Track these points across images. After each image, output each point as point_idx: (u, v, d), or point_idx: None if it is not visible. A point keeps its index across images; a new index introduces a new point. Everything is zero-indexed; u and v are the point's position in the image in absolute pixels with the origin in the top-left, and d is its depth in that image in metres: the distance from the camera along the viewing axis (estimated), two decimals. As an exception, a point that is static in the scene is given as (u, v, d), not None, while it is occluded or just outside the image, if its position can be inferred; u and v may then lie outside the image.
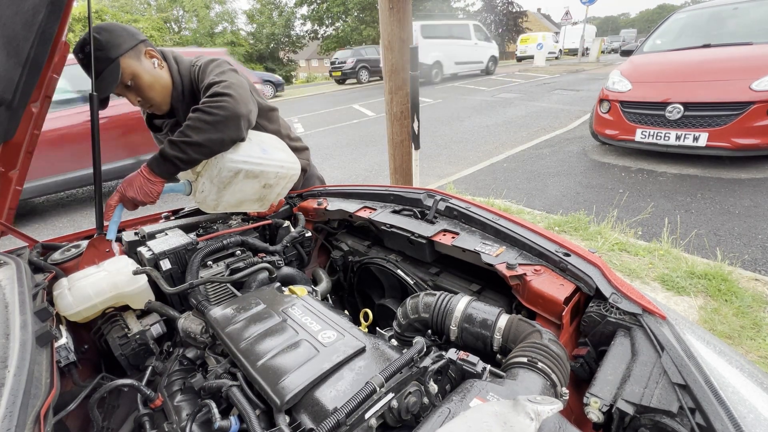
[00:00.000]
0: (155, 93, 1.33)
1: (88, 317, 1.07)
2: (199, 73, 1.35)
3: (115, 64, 1.21)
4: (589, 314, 0.82)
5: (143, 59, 1.29)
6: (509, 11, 36.00)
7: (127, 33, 1.25)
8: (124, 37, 1.23)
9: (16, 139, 1.11)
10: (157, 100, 1.35)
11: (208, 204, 1.32)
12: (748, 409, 0.61)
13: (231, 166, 1.24)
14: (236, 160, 1.26)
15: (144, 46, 1.29)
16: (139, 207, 1.23)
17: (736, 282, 2.24)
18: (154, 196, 1.21)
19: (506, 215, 1.13)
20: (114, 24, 1.25)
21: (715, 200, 3.44)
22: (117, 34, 1.22)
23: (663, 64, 4.49)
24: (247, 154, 1.30)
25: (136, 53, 1.26)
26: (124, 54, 1.22)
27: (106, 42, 1.19)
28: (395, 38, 2.66)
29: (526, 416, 0.47)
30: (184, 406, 0.86)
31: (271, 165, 1.36)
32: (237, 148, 1.27)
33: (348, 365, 0.73)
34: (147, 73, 1.29)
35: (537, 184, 4.29)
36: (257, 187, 1.37)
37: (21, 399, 0.58)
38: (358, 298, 1.55)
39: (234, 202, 1.35)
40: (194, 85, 1.38)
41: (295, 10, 28.50)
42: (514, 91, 10.99)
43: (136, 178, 1.19)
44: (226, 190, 1.29)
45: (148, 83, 1.30)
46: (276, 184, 1.43)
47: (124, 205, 1.21)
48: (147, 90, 1.31)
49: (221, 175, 1.25)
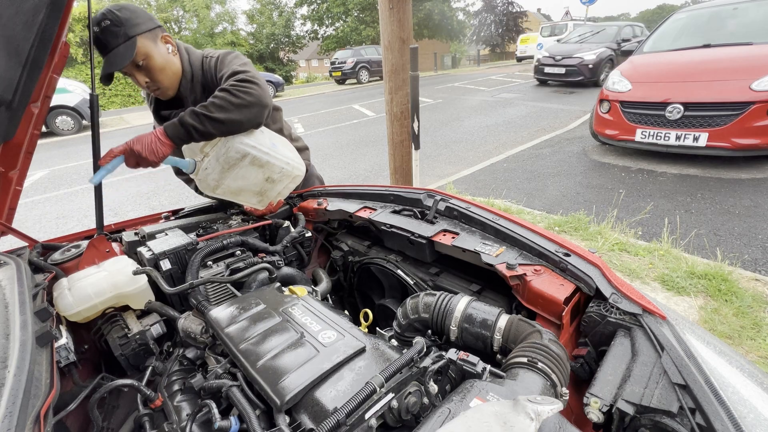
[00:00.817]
0: (164, 76, 1.35)
1: (88, 317, 1.07)
2: (216, 63, 1.38)
3: (132, 41, 1.22)
4: (589, 314, 0.82)
5: (159, 43, 1.32)
6: (509, 11, 36.01)
7: (146, 15, 1.28)
8: (143, 18, 1.26)
9: (16, 140, 1.11)
10: (165, 83, 1.37)
11: (208, 183, 1.31)
12: (748, 409, 0.61)
13: (240, 147, 1.26)
14: (246, 143, 1.27)
15: (161, 32, 1.33)
16: (139, 167, 1.21)
17: (736, 282, 2.24)
18: (158, 156, 1.19)
19: (506, 215, 1.13)
20: (133, 6, 1.27)
21: (715, 200, 3.44)
22: (137, 14, 1.25)
23: (663, 64, 4.49)
24: (258, 141, 1.32)
25: (153, 36, 1.29)
26: (141, 34, 1.24)
27: (126, 19, 1.21)
28: (395, 38, 2.66)
29: (526, 416, 0.47)
30: (184, 406, 0.86)
31: (278, 159, 1.37)
32: (250, 134, 1.30)
33: (348, 365, 0.73)
34: (160, 56, 1.32)
35: (537, 184, 4.29)
36: (260, 179, 1.37)
37: (21, 399, 0.58)
38: (358, 298, 1.55)
39: (234, 188, 1.35)
40: (207, 76, 1.41)
41: (295, 11, 28.50)
42: (514, 91, 10.99)
43: (147, 136, 1.19)
44: (230, 173, 1.30)
45: (160, 66, 1.32)
46: (279, 181, 1.43)
47: (126, 158, 1.18)
48: (157, 72, 1.33)
49: (228, 154, 1.26)
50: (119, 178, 5.69)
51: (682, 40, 4.77)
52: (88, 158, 5.60)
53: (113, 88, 18.17)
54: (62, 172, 6.25)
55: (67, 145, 8.52)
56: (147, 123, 10.92)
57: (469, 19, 33.98)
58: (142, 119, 11.81)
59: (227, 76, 1.29)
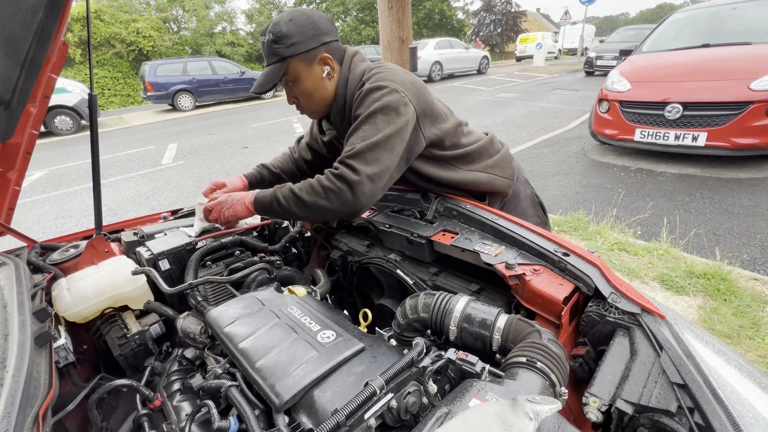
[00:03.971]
0: (309, 101, 1.23)
1: (87, 317, 1.07)
2: (360, 97, 1.14)
3: (284, 63, 1.12)
4: (588, 314, 0.82)
5: (314, 65, 1.16)
6: (508, 11, 36.02)
7: (314, 31, 1.12)
8: (307, 35, 1.11)
9: (15, 140, 1.11)
10: (309, 108, 1.26)
11: None
12: (747, 409, 0.61)
13: None
14: None
15: (322, 51, 1.15)
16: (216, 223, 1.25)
17: (735, 281, 2.25)
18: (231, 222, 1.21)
19: (505, 215, 1.13)
20: (308, 16, 1.13)
21: (714, 200, 3.45)
22: (303, 30, 1.11)
23: (662, 63, 4.49)
24: None
25: (310, 57, 1.14)
26: (296, 55, 1.12)
27: (286, 36, 1.09)
28: (394, 38, 2.66)
29: (525, 416, 0.47)
30: (183, 406, 0.86)
31: None
32: None
33: (347, 365, 0.73)
34: (310, 81, 1.17)
35: (536, 183, 4.28)
36: None
37: (20, 399, 0.58)
38: (358, 298, 1.55)
39: None
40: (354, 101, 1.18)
41: (294, 10, 28.50)
42: (514, 91, 11.00)
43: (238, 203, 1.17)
44: None
45: (307, 91, 1.19)
46: None
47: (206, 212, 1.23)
48: (303, 97, 1.22)
49: None
50: (118, 177, 5.69)
51: (681, 39, 4.78)
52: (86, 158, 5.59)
53: (112, 88, 18.16)
54: (61, 172, 6.25)
55: (65, 145, 8.51)
56: (146, 123, 10.91)
57: (468, 18, 33.97)
58: (140, 119, 11.79)
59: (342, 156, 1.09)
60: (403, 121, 1.09)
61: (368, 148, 1.05)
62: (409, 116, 1.11)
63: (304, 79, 1.16)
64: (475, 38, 36.40)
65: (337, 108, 1.24)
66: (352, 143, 1.08)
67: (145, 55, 18.41)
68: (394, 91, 1.10)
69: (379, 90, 1.10)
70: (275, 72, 1.13)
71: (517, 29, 35.44)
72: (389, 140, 1.07)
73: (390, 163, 1.08)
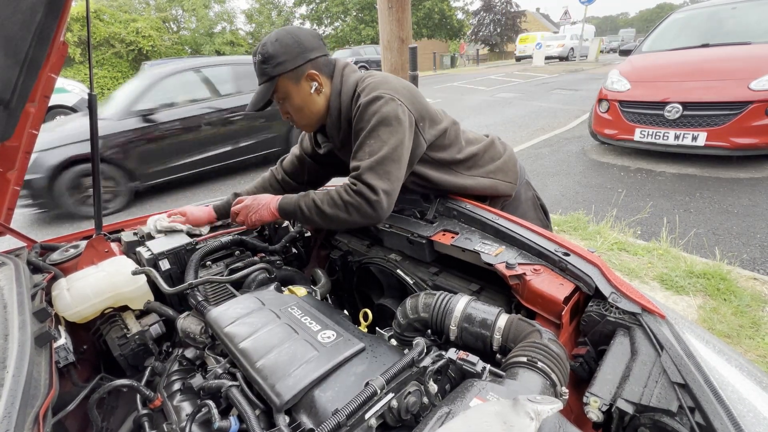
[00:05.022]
0: (301, 116, 1.25)
1: (87, 317, 1.07)
2: (358, 111, 1.15)
3: (272, 83, 1.16)
4: (588, 314, 0.82)
5: (302, 82, 1.18)
6: (508, 11, 36.03)
7: (299, 49, 1.14)
8: (293, 53, 1.13)
9: (14, 140, 1.11)
10: (302, 123, 1.28)
11: None
12: (747, 408, 0.61)
13: None
14: None
15: (309, 68, 1.17)
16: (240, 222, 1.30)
17: (735, 281, 2.25)
18: (256, 224, 1.28)
19: (505, 215, 1.13)
20: (293, 35, 1.15)
21: (714, 199, 3.45)
22: (288, 49, 1.13)
23: (662, 63, 4.49)
24: None
25: (297, 75, 1.16)
26: (284, 74, 1.15)
27: (272, 56, 1.12)
28: (394, 38, 2.66)
29: (525, 416, 0.47)
30: (183, 406, 0.86)
31: None
32: None
33: (347, 365, 0.73)
34: (299, 97, 1.20)
35: (536, 183, 4.25)
36: None
37: (20, 400, 0.58)
38: (358, 298, 1.55)
39: None
40: (352, 113, 1.20)
41: (294, 10, 28.49)
42: (513, 91, 11.00)
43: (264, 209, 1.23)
44: None
45: (297, 107, 1.22)
46: None
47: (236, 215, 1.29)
48: (294, 112, 1.24)
49: None
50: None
51: (680, 39, 4.78)
52: (86, 158, 5.59)
53: (112, 87, 18.14)
54: (61, 172, 6.23)
55: (65, 145, 8.49)
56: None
57: (468, 18, 33.97)
58: (140, 119, 11.75)
59: (355, 172, 1.11)
60: (404, 128, 1.13)
61: (378, 162, 1.09)
62: (409, 122, 1.15)
63: (294, 95, 1.20)
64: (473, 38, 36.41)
65: (331, 120, 1.26)
66: (360, 158, 1.12)
67: (145, 55, 18.40)
68: (390, 100, 1.12)
69: (377, 101, 1.12)
70: (266, 91, 1.18)
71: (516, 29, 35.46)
72: (396, 151, 1.10)
73: (400, 173, 1.13)
